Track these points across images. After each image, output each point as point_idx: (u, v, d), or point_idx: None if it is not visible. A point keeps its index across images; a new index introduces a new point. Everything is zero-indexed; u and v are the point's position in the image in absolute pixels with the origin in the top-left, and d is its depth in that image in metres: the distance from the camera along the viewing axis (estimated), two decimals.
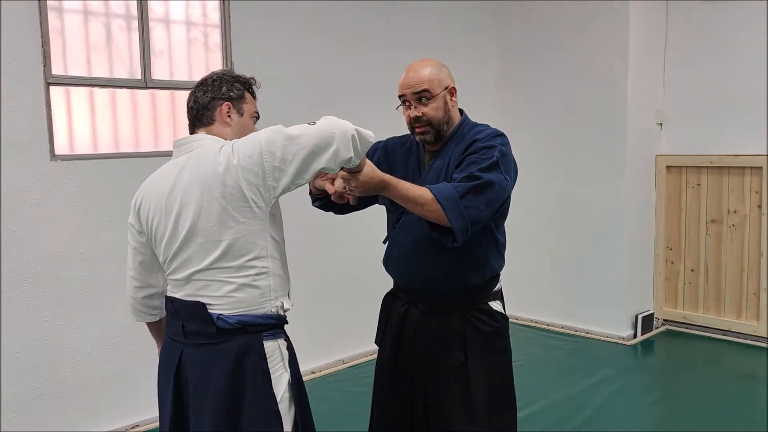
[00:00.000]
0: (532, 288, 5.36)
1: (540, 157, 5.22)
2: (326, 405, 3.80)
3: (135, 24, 3.51)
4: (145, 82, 3.51)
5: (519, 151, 5.20)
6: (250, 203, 1.74)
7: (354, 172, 1.88)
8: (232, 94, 1.91)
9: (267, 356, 1.80)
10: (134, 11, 3.50)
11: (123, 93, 3.52)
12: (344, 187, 1.94)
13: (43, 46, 3.15)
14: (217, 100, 1.89)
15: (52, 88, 3.22)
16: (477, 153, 2.04)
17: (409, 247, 2.17)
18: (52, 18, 3.24)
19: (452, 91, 2.16)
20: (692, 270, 4.98)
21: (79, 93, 3.38)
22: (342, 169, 1.86)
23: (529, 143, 5.28)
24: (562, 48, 5.04)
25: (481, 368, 2.15)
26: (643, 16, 4.78)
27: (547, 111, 5.18)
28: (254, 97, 2.01)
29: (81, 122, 3.39)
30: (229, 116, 1.90)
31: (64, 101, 3.32)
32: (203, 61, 3.82)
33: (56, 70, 3.24)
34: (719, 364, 4.43)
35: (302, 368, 4.05)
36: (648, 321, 4.98)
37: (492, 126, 2.21)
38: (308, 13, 4.17)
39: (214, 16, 3.83)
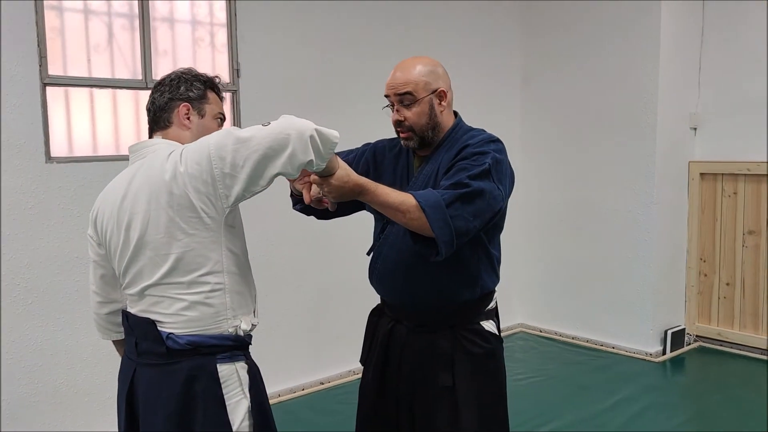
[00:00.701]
0: (555, 299, 5.16)
1: (565, 163, 5.01)
2: (333, 417, 3.67)
3: (137, 23, 3.43)
4: (146, 83, 3.43)
5: (544, 157, 5.11)
6: (199, 213, 1.59)
7: (325, 175, 1.71)
8: (191, 93, 1.78)
9: (222, 381, 1.65)
10: (137, 10, 3.43)
11: (125, 94, 3.44)
12: (320, 192, 1.79)
13: (39, 45, 3.09)
14: (174, 101, 1.77)
15: (48, 89, 3.15)
16: (468, 159, 1.87)
17: (394, 260, 2.01)
18: (52, 17, 3.18)
19: (442, 95, 1.99)
20: (727, 284, 4.69)
21: (79, 94, 3.31)
22: (313, 172, 1.70)
23: (555, 148, 5.09)
24: (589, 49, 4.81)
25: (470, 392, 1.98)
26: (677, 15, 4.52)
27: (572, 114, 4.95)
28: (220, 97, 1.86)
29: (80, 124, 3.32)
30: (188, 118, 1.77)
31: (63, 102, 3.25)
32: (209, 61, 3.73)
33: (55, 70, 3.18)
34: (754, 384, 4.12)
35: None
36: (678, 337, 4.71)
37: (519, 130, 2.04)
38: (317, 12, 4.05)
39: (221, 15, 3.74)
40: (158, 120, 1.78)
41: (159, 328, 1.66)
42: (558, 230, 5.11)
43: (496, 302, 2.13)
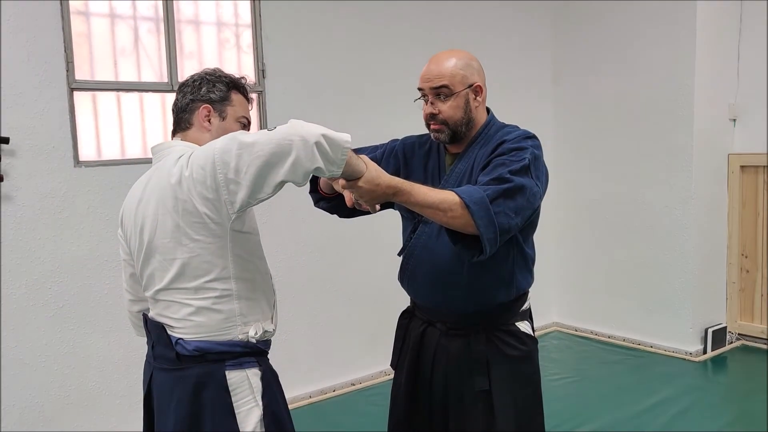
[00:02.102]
0: (591, 298, 5.04)
1: (598, 157, 4.90)
2: (364, 419, 3.63)
3: (163, 26, 3.44)
4: (172, 86, 3.43)
5: (577, 153, 5.00)
6: (204, 219, 1.56)
7: (352, 179, 1.62)
8: (213, 95, 1.74)
9: (231, 389, 1.62)
10: (162, 13, 3.43)
11: (151, 97, 3.46)
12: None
13: (65, 51, 3.11)
14: (196, 102, 1.74)
15: (76, 94, 3.18)
16: (506, 154, 1.81)
17: (427, 261, 1.95)
18: (78, 23, 3.20)
19: (478, 90, 1.94)
20: None
21: (106, 98, 3.33)
22: (335, 178, 1.62)
23: (587, 141, 4.98)
24: (622, 41, 4.69)
25: (507, 396, 1.92)
26: (714, 3, 4.37)
27: (606, 109, 4.83)
28: (247, 99, 1.82)
29: (108, 127, 3.34)
30: (209, 120, 1.73)
31: (91, 106, 3.28)
32: (235, 62, 3.72)
33: (82, 75, 3.21)
34: None
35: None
36: (720, 335, 4.56)
37: (552, 124, 1.98)
38: (342, 11, 4.01)
39: (246, 16, 3.73)
40: (179, 121, 1.77)
41: (169, 333, 1.65)
42: (593, 227, 4.99)
43: (530, 303, 2.07)
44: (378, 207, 1.74)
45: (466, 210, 1.66)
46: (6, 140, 2.93)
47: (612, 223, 4.87)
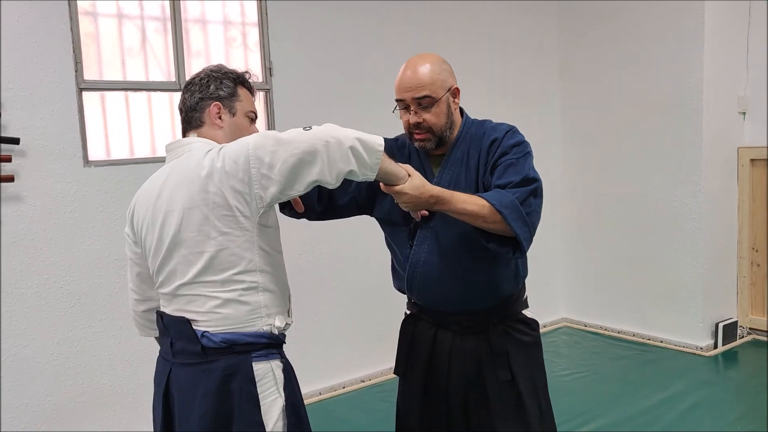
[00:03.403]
0: (600, 292, 5.03)
1: (607, 152, 4.88)
2: (373, 416, 3.64)
3: (170, 26, 3.45)
4: (180, 85, 3.45)
5: (585, 147, 4.98)
6: (234, 212, 1.59)
7: (392, 184, 1.70)
8: (221, 92, 1.76)
9: (257, 379, 1.64)
10: (169, 13, 3.44)
11: (159, 96, 3.47)
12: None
13: (74, 51, 3.13)
14: (205, 100, 1.75)
15: (84, 94, 3.19)
16: (509, 153, 1.87)
17: (437, 266, 1.94)
18: (86, 23, 3.21)
19: (455, 92, 1.95)
20: None
21: (114, 97, 3.35)
22: (370, 181, 1.69)
23: (595, 136, 4.96)
24: (630, 31, 4.66)
25: (530, 382, 1.99)
26: None
27: (614, 102, 4.81)
28: (252, 93, 1.84)
29: (117, 127, 3.36)
30: (220, 117, 1.75)
31: (99, 106, 3.29)
32: (242, 60, 3.73)
33: (90, 75, 3.22)
34: None
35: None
36: (730, 330, 4.54)
37: (559, 119, 2.03)
38: (349, 9, 4.01)
39: (253, 14, 3.74)
40: (191, 120, 1.77)
41: (194, 327, 1.65)
42: (602, 221, 4.97)
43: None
44: (420, 214, 1.85)
45: (500, 216, 1.74)
46: (16, 141, 2.96)
47: (621, 218, 4.86)
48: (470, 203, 1.76)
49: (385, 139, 2.10)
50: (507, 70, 4.81)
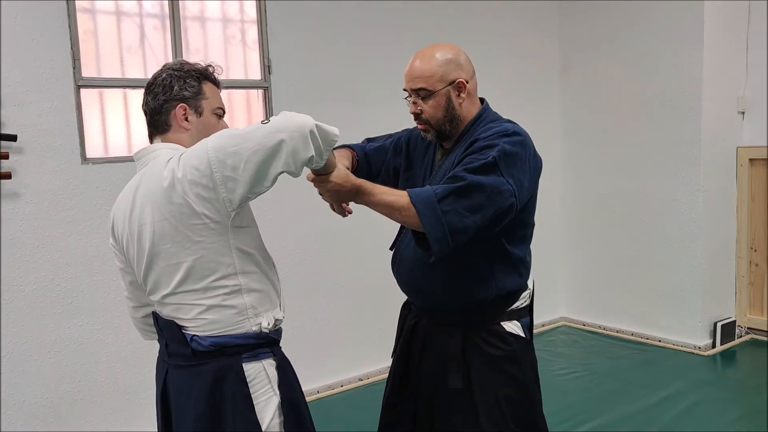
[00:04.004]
0: (599, 291, 5.03)
1: (606, 151, 4.88)
2: (372, 415, 3.64)
3: (168, 23, 3.44)
4: None
5: (585, 145, 4.98)
6: (204, 220, 1.54)
7: (322, 174, 1.68)
8: (186, 93, 1.67)
9: (249, 380, 1.63)
10: (167, 10, 3.44)
11: None
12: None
13: (72, 48, 3.12)
14: (169, 102, 1.67)
15: (83, 91, 3.19)
16: (476, 153, 1.78)
17: (408, 258, 1.97)
18: (84, 20, 3.21)
19: (460, 86, 1.88)
20: None
21: (112, 95, 3.34)
22: (312, 170, 1.67)
23: (595, 135, 4.96)
24: (630, 30, 4.65)
25: (487, 395, 1.89)
26: None
27: (613, 100, 4.81)
28: (218, 88, 1.77)
29: (115, 124, 3.35)
30: (186, 119, 1.68)
31: (98, 103, 3.29)
32: (241, 58, 3.72)
33: (89, 72, 3.21)
34: None
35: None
36: (729, 329, 4.54)
37: (559, 118, 1.98)
38: (348, 6, 4.01)
39: (251, 12, 3.73)
40: (156, 124, 1.69)
41: (183, 331, 1.64)
42: (601, 220, 4.97)
43: (529, 301, 2.02)
44: (348, 211, 1.84)
45: (414, 209, 1.69)
46: (14, 138, 2.95)
47: (620, 217, 4.85)
48: (389, 194, 1.73)
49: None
50: (508, 69, 4.80)
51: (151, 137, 1.72)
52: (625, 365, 4.31)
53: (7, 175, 2.95)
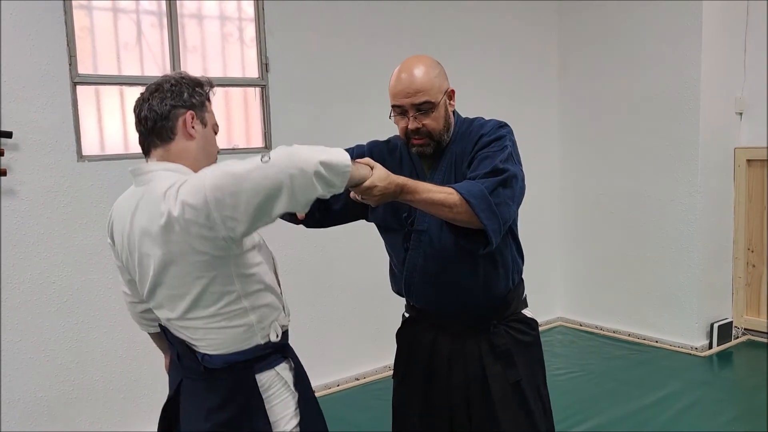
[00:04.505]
0: (596, 292, 5.02)
1: (604, 151, 4.88)
2: (368, 414, 3.63)
3: (166, 20, 3.43)
4: None
5: (582, 145, 4.98)
6: (205, 257, 1.49)
7: (359, 185, 1.60)
8: (194, 101, 1.61)
9: (263, 388, 1.63)
10: (165, 8, 3.42)
11: None
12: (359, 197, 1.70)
13: (68, 45, 3.10)
14: (178, 108, 1.58)
15: (79, 88, 3.17)
16: (486, 147, 1.82)
17: (434, 270, 1.92)
18: (81, 17, 3.19)
19: (451, 94, 1.92)
20: None
21: (109, 92, 3.32)
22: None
23: (593, 136, 4.96)
24: (628, 31, 4.65)
25: (532, 382, 1.98)
26: None
27: (611, 101, 4.80)
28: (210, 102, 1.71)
29: (111, 122, 3.33)
30: (194, 127, 1.61)
31: (94, 101, 3.27)
32: (238, 56, 3.71)
33: (85, 69, 3.20)
34: None
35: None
36: (725, 330, 4.53)
37: (557, 117, 1.99)
38: (345, 5, 3.99)
39: (249, 10, 3.72)
40: (160, 131, 1.59)
41: (194, 350, 1.63)
42: (598, 221, 4.97)
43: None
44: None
45: (468, 206, 1.69)
46: (9, 134, 2.93)
47: (617, 218, 4.85)
48: (436, 192, 1.70)
49: (376, 142, 2.08)
50: (505, 69, 4.80)
51: (149, 148, 1.63)
52: (622, 366, 4.31)
53: (3, 172, 2.93)
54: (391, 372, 2.18)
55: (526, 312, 2.05)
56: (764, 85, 4.44)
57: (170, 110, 1.58)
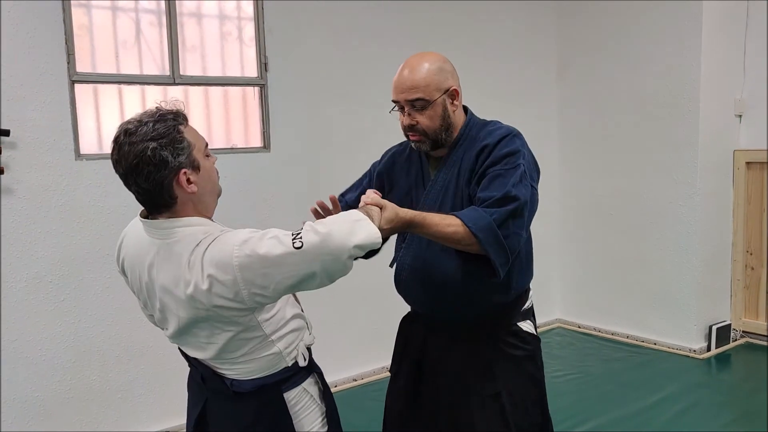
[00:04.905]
0: (594, 294, 5.02)
1: (603, 153, 4.87)
2: (366, 415, 3.62)
3: (165, 19, 3.42)
4: (173, 78, 3.41)
5: (582, 147, 4.97)
6: (232, 318, 1.48)
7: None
8: (181, 158, 1.45)
9: (291, 404, 1.64)
10: (164, 6, 3.41)
11: (153, 90, 3.43)
12: None
13: (66, 43, 3.09)
14: (168, 176, 1.45)
15: (77, 86, 3.16)
16: (499, 163, 1.76)
17: (420, 270, 1.92)
18: (80, 14, 3.18)
19: (454, 94, 1.86)
20: None
21: (107, 90, 3.31)
22: None
23: (592, 138, 4.95)
24: (627, 32, 4.65)
25: (514, 398, 1.90)
26: None
27: (610, 103, 4.80)
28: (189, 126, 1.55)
29: (109, 120, 3.32)
30: (189, 180, 1.48)
31: (92, 99, 3.26)
32: (237, 55, 3.70)
33: (83, 67, 3.19)
34: None
35: (343, 376, 3.94)
36: (724, 332, 4.53)
37: (556, 119, 1.96)
38: (344, 4, 3.99)
39: (249, 9, 3.71)
40: (158, 204, 1.50)
41: (222, 376, 1.63)
42: (597, 223, 4.96)
43: (532, 301, 2.04)
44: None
45: (475, 239, 1.67)
46: (6, 132, 2.92)
47: (616, 219, 4.84)
48: (444, 225, 1.68)
49: (388, 151, 2.09)
50: (505, 69, 4.79)
51: (153, 212, 1.53)
52: (620, 368, 4.30)
53: (0, 171, 2.91)
54: (389, 374, 2.18)
55: (523, 325, 1.97)
56: (764, 88, 4.43)
57: (162, 182, 1.45)
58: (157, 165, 1.43)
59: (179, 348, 1.71)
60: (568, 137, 5.09)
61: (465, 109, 1.97)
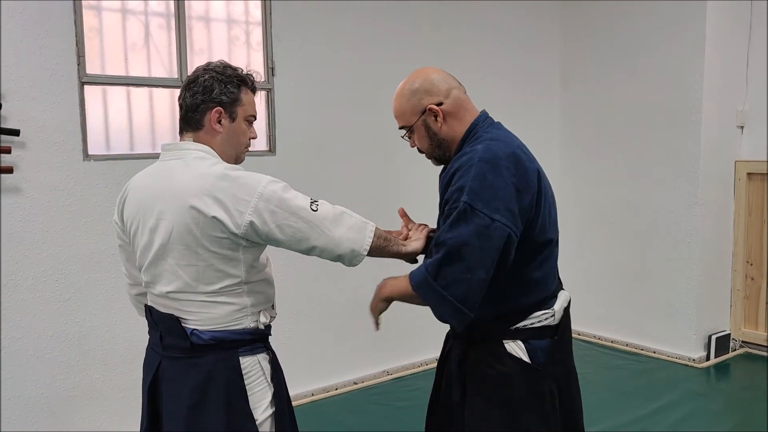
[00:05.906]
0: (594, 302, 5.03)
1: (604, 161, 4.90)
2: (366, 418, 3.64)
3: (174, 22, 3.46)
4: (181, 81, 3.42)
5: (583, 156, 5.00)
6: (221, 237, 1.62)
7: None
8: (224, 98, 1.71)
9: (244, 372, 1.69)
10: (173, 9, 3.45)
11: (161, 92, 3.47)
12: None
13: (77, 45, 3.13)
14: (207, 103, 1.71)
15: (86, 88, 3.19)
16: (450, 201, 1.68)
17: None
18: (90, 17, 3.21)
19: (433, 111, 1.78)
20: None
21: (116, 92, 3.35)
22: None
23: (594, 146, 4.98)
24: (631, 43, 4.68)
25: (477, 413, 1.80)
26: (723, 9, 4.36)
27: (612, 113, 4.83)
28: (254, 93, 1.81)
29: (117, 122, 3.35)
30: (219, 122, 1.72)
31: (101, 100, 3.29)
32: (244, 59, 3.73)
33: (93, 69, 3.22)
34: None
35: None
36: (723, 342, 4.55)
37: (559, 129, 1.94)
38: (352, 10, 4.02)
39: (256, 13, 3.74)
40: (189, 120, 1.73)
41: (183, 324, 1.68)
42: (598, 231, 4.99)
43: (547, 322, 1.83)
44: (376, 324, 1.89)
45: (417, 295, 1.67)
46: (16, 132, 2.95)
47: (617, 228, 4.87)
48: (403, 288, 1.73)
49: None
50: (508, 77, 4.82)
51: (182, 131, 1.76)
52: (619, 376, 4.32)
53: (9, 170, 2.95)
54: (389, 377, 2.20)
55: (508, 344, 1.78)
56: (766, 99, 4.47)
57: (199, 104, 1.70)
58: (204, 89, 1.70)
59: (146, 310, 1.79)
60: (570, 146, 5.12)
61: (483, 114, 1.87)
